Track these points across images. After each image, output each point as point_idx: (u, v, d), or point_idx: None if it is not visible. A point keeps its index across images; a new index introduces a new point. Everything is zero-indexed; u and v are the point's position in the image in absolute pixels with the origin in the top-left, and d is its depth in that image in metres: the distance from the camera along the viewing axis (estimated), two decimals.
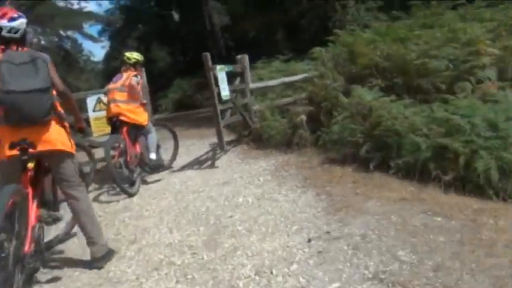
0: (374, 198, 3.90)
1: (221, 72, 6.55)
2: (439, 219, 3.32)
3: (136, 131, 5.52)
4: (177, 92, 21.19)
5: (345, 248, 3.02)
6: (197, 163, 6.58)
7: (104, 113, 6.10)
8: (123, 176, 5.23)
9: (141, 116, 5.51)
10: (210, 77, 6.17)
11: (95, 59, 39.88)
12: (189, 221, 4.00)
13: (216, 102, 6.26)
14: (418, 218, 3.37)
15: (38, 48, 4.51)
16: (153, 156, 5.64)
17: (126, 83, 5.46)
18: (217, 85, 6.20)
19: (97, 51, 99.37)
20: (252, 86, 7.72)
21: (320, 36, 10.16)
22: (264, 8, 13.45)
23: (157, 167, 5.79)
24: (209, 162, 6.43)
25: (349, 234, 3.23)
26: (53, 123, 2.98)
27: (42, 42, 30.72)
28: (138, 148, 5.57)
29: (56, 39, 32.13)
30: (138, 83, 5.48)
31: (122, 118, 5.34)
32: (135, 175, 5.42)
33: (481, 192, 3.76)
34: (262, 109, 7.40)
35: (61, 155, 3.07)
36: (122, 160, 5.24)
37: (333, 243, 3.12)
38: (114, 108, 5.39)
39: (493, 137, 4.01)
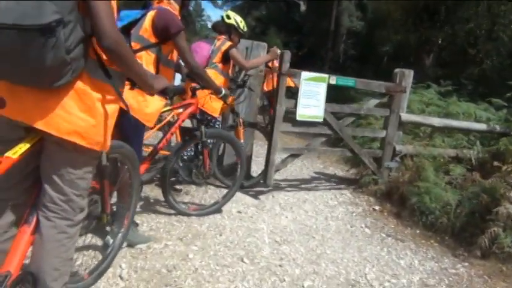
0: None
1: (313, 84, 4.48)
2: None
3: None
4: None
5: None
6: (296, 205, 4.31)
7: None
8: None
9: None
10: (281, 85, 4.37)
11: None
12: None
13: (278, 120, 4.41)
14: None
15: None
16: None
17: None
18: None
19: (215, 18, 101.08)
20: (404, 117, 5.23)
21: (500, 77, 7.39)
22: (421, 22, 10.65)
23: None
24: (325, 214, 4.13)
25: None
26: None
27: None
28: None
29: None
30: None
31: None
32: None
33: None
34: (414, 155, 4.96)
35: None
36: None
37: None
38: None
39: None
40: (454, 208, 3.85)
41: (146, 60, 2.70)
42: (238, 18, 4.27)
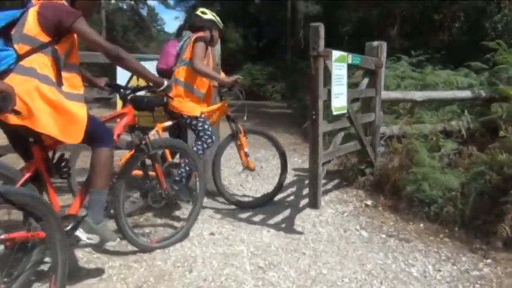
0: None
1: (339, 65, 3.62)
2: None
3: None
4: (246, 78, 18.61)
5: None
6: (278, 212, 3.70)
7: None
8: None
9: None
10: (317, 68, 3.21)
11: (169, 31, 39.73)
12: None
13: (320, 119, 3.30)
14: None
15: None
16: None
17: None
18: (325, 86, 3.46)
19: (170, 22, 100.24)
20: (383, 94, 4.69)
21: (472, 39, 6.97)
22: None
23: None
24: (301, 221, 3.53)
25: None
26: None
27: (120, 3, 30.44)
28: None
29: (133, 2, 31.78)
30: None
31: None
32: None
33: None
34: (399, 135, 4.42)
35: None
36: None
37: None
38: None
39: None
40: (459, 193, 3.31)
41: (40, 65, 2.05)
42: (214, 13, 3.68)
